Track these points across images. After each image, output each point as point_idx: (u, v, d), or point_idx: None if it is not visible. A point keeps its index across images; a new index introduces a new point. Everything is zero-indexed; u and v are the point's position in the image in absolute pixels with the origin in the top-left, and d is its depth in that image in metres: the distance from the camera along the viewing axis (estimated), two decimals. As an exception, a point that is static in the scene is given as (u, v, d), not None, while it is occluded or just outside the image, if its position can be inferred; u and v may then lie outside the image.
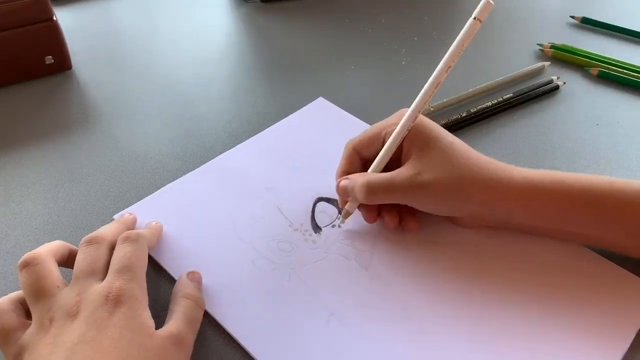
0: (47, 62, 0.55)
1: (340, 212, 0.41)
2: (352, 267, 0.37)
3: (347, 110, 0.52)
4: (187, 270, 0.36)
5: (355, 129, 0.47)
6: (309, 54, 0.61)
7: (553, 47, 0.61)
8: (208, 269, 0.37)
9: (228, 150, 0.47)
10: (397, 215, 0.39)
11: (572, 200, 0.35)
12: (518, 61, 0.60)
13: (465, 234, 0.40)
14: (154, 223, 0.39)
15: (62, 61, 0.56)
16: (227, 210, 0.41)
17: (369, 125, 0.47)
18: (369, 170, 0.38)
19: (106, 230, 0.35)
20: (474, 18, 0.35)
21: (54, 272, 0.31)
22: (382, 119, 0.40)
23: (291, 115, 0.50)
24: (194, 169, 0.45)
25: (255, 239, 0.39)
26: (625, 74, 0.57)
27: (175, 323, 0.31)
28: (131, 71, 0.58)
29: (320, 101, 0.52)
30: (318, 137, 0.48)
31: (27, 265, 0.31)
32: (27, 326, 0.30)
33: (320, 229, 0.40)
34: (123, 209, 0.42)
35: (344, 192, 0.38)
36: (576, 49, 0.61)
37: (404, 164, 0.37)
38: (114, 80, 0.56)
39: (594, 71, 0.58)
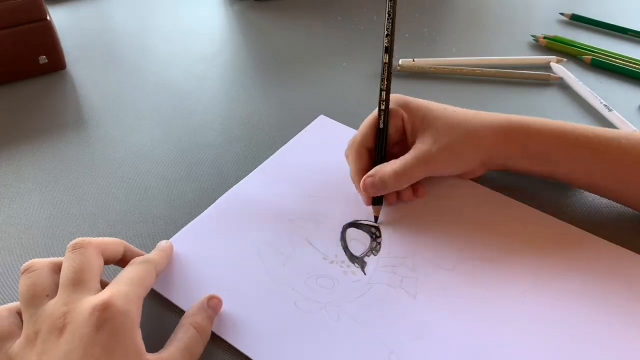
0: (41, 61, 0.54)
1: (372, 237, 0.40)
2: (400, 296, 0.35)
3: (339, 107, 0.52)
4: (208, 295, 0.34)
5: None
6: (301, 51, 0.61)
7: (546, 37, 0.63)
8: (243, 315, 0.34)
9: (222, 144, 0.47)
10: (410, 188, 0.41)
11: (562, 139, 0.39)
12: (514, 54, 0.61)
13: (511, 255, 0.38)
14: (163, 242, 0.37)
15: (56, 61, 0.56)
16: (253, 248, 0.38)
17: None
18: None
19: (92, 239, 0.32)
20: None
21: (45, 279, 0.29)
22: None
23: (297, 137, 0.48)
24: (187, 164, 0.45)
25: (291, 278, 0.36)
26: (617, 62, 0.59)
27: (171, 352, 0.29)
28: (125, 70, 0.58)
29: (322, 119, 0.50)
30: (330, 161, 0.45)
31: (23, 272, 0.30)
32: (19, 336, 0.28)
33: (357, 258, 0.38)
34: (118, 206, 0.42)
35: (373, 188, 0.39)
36: (569, 40, 0.63)
37: (413, 143, 0.40)
38: (108, 79, 0.56)
39: (587, 59, 0.59)
